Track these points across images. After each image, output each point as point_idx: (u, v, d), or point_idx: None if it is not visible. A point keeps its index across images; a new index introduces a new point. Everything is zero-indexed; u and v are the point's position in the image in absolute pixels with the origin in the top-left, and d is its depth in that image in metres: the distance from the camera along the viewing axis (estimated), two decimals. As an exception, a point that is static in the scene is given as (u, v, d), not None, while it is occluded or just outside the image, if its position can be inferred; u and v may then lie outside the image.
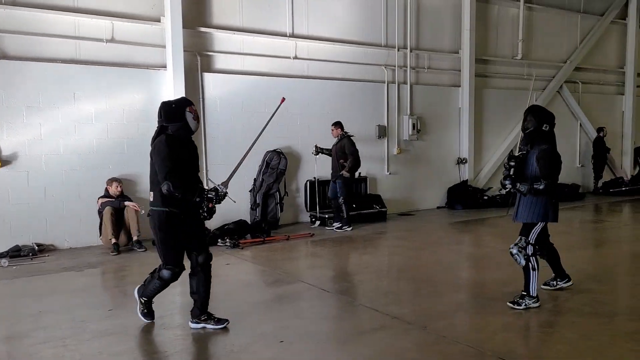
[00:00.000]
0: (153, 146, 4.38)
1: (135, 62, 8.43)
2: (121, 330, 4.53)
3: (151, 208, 4.40)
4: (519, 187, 4.98)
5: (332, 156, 9.28)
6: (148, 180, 8.15)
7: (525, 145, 5.14)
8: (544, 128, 4.96)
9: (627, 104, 14.93)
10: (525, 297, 5.00)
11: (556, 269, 5.51)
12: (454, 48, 11.80)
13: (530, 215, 5.05)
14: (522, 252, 5.04)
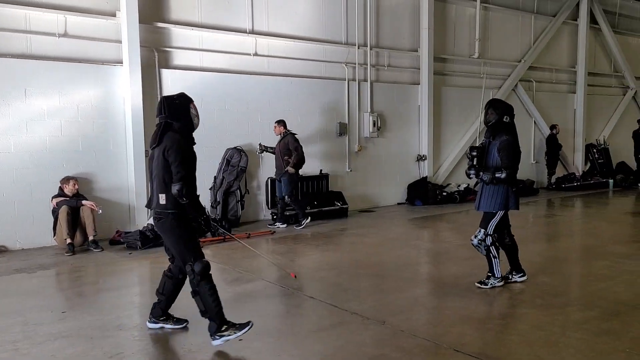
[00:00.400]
0: (168, 145, 4.04)
1: (89, 58, 8.22)
2: (75, 332, 4.42)
3: (161, 211, 4.11)
4: (482, 176, 5.28)
5: (276, 154, 9.24)
6: (102, 178, 7.94)
7: (487, 137, 5.43)
8: (504, 120, 5.28)
9: (579, 102, 15.45)
10: (490, 277, 5.47)
11: (513, 262, 5.70)
12: (413, 46, 11.96)
13: (491, 205, 5.34)
14: (482, 243, 5.39)
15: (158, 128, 4.17)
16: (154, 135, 4.19)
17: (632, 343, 4.02)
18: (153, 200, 4.20)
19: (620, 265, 6.41)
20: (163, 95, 4.27)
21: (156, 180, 4.15)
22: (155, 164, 4.15)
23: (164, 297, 4.42)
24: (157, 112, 4.22)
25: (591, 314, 4.69)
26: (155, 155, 4.15)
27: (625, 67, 16.48)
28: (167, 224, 4.12)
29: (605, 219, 10.10)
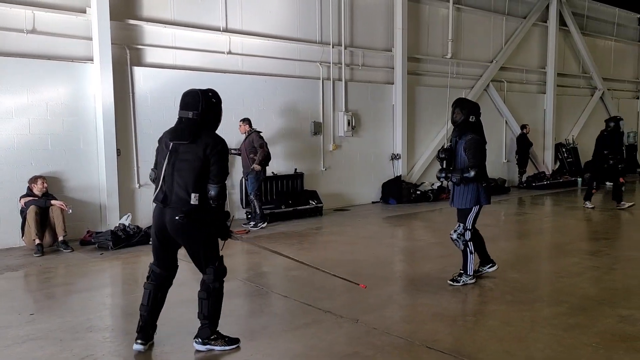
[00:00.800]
0: (212, 144, 3.81)
1: (59, 55, 8.06)
2: (44, 335, 4.34)
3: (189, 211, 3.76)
4: (452, 178, 5.38)
5: (242, 153, 9.16)
6: (72, 177, 7.81)
7: (455, 136, 5.53)
8: (470, 119, 5.36)
9: (548, 103, 15.77)
10: (462, 275, 5.57)
11: (482, 255, 5.82)
12: (387, 46, 12.04)
13: (464, 202, 5.47)
14: (461, 237, 5.50)
15: (192, 123, 3.83)
16: (185, 131, 3.84)
17: (598, 337, 4.13)
18: (171, 198, 3.80)
19: (587, 261, 6.57)
20: (199, 89, 3.93)
21: (188, 177, 3.78)
22: (188, 160, 3.80)
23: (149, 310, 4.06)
24: (186, 105, 3.86)
25: (559, 309, 4.80)
26: (190, 152, 3.81)
27: (593, 68, 16.87)
28: (196, 225, 3.82)
29: (573, 216, 10.33)
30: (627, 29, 18.40)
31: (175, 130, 3.93)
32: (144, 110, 8.81)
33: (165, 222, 3.83)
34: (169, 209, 3.81)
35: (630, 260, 6.74)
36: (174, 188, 3.81)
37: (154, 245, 4.03)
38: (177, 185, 3.80)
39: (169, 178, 3.84)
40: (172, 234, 3.86)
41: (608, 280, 5.81)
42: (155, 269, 4.02)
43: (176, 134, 3.90)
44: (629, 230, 9.14)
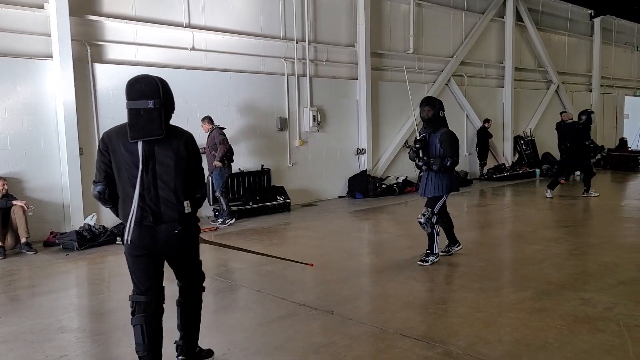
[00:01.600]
0: (189, 139, 3.36)
1: (16, 52, 7.82)
2: (13, 337, 4.25)
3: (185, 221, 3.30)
4: (432, 166, 5.81)
5: (206, 151, 8.97)
6: (33, 177, 7.62)
7: (428, 131, 5.97)
8: (440, 115, 5.88)
9: (507, 96, 16.19)
10: (429, 255, 6.07)
11: (450, 237, 6.35)
12: (351, 42, 12.14)
13: (438, 190, 5.93)
14: (429, 221, 5.91)
15: (156, 115, 3.18)
16: (153, 124, 3.17)
17: (562, 320, 4.31)
18: (162, 212, 3.21)
19: (549, 248, 6.82)
20: (150, 75, 3.31)
21: (174, 184, 3.23)
22: (169, 163, 3.22)
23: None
24: (142, 94, 3.20)
25: (524, 294, 4.98)
26: (168, 153, 3.23)
27: (548, 63, 17.40)
28: (193, 235, 3.44)
29: (534, 206, 10.66)
30: (579, 24, 19.05)
31: (136, 126, 3.18)
32: (107, 108, 8.63)
33: (158, 241, 3.25)
34: (163, 226, 3.23)
35: (589, 246, 7.03)
36: (161, 200, 3.22)
37: (140, 271, 3.32)
38: (164, 195, 3.22)
39: (150, 190, 3.20)
40: (167, 250, 3.33)
41: (569, 265, 6.05)
42: (140, 298, 3.34)
43: (141, 130, 3.17)
44: (587, 218, 9.51)
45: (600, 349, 3.77)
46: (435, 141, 5.87)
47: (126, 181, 3.19)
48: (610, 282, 5.30)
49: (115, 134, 3.26)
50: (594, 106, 19.77)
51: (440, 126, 5.91)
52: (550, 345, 3.83)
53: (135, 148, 3.17)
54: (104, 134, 3.34)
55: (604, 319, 4.32)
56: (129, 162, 3.18)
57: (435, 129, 5.90)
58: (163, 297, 3.46)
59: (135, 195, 3.15)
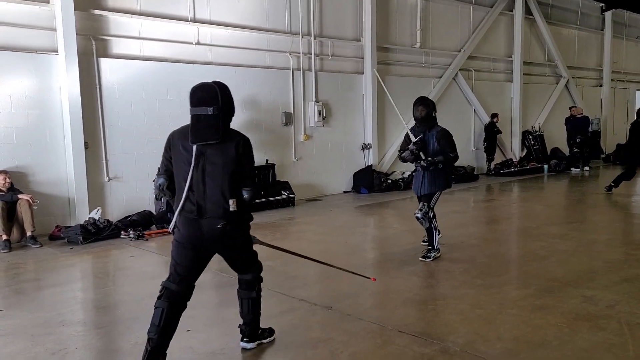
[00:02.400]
0: (242, 143, 3.49)
1: (22, 46, 7.86)
2: (15, 330, 4.29)
3: (230, 219, 3.45)
4: (437, 160, 5.88)
5: None
6: (39, 171, 7.67)
7: (422, 130, 6.02)
8: (433, 115, 6.00)
9: (515, 91, 16.06)
10: (431, 251, 6.10)
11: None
12: (357, 36, 12.08)
13: (436, 186, 6.04)
14: (426, 216, 5.96)
15: (214, 121, 3.39)
16: (210, 129, 3.39)
17: (563, 317, 4.28)
18: (206, 207, 3.42)
19: (554, 245, 6.77)
20: (212, 82, 3.52)
21: (223, 182, 3.42)
22: (220, 163, 3.41)
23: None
24: (202, 101, 3.42)
25: (526, 291, 4.95)
26: (220, 154, 3.42)
27: (557, 57, 17.23)
28: (240, 232, 3.61)
29: (540, 202, 10.59)
30: (590, 17, 18.84)
31: (196, 130, 3.42)
32: (112, 102, 8.67)
33: (203, 234, 3.45)
34: (205, 220, 3.43)
35: (594, 243, 6.96)
36: (208, 196, 3.42)
37: (181, 261, 3.53)
38: (211, 192, 3.42)
39: (199, 185, 3.42)
40: (211, 245, 3.52)
41: (574, 262, 6.00)
42: (171, 286, 3.52)
43: (199, 135, 3.41)
44: (594, 214, 9.43)
45: (600, 347, 3.74)
46: (432, 139, 5.97)
47: (180, 176, 3.47)
48: (614, 280, 5.25)
49: (178, 134, 3.54)
50: (605, 101, 19.60)
51: (434, 125, 6.04)
52: (549, 343, 3.80)
53: (191, 147, 3.43)
54: (170, 134, 3.62)
55: (606, 317, 4.28)
56: (184, 160, 3.45)
57: (431, 128, 6.00)
58: (191, 293, 3.62)
59: (185, 189, 3.41)
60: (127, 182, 8.86)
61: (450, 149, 5.91)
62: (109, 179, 8.66)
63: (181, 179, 3.47)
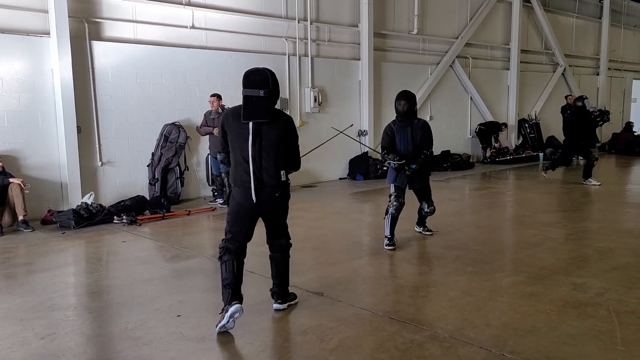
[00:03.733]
0: (289, 124, 4.03)
1: (13, 28, 7.77)
2: (4, 314, 4.28)
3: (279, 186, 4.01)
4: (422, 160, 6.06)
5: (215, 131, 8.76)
6: (30, 155, 7.68)
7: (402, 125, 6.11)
8: (415, 109, 6.13)
9: (512, 79, 16.01)
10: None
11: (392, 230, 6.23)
12: (354, 22, 11.99)
13: (426, 178, 6.27)
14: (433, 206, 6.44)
15: (265, 102, 3.87)
16: (261, 109, 3.87)
17: (552, 304, 4.29)
18: (264, 179, 3.94)
19: (546, 233, 6.78)
20: (264, 68, 3.99)
21: (274, 156, 3.93)
22: (273, 139, 3.92)
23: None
24: (255, 83, 3.87)
25: (517, 279, 4.96)
26: (272, 131, 3.91)
27: (555, 45, 17.16)
28: (285, 199, 4.14)
29: (534, 190, 10.59)
30: (588, 5, 18.74)
31: (248, 109, 3.89)
32: (105, 86, 8.60)
33: (261, 200, 3.97)
34: (264, 188, 3.96)
35: (586, 231, 6.98)
36: (264, 167, 3.93)
37: (238, 224, 4.08)
38: (267, 164, 3.93)
39: (256, 159, 3.92)
40: (268, 210, 4.08)
41: (564, 250, 6.02)
42: (230, 245, 4.07)
43: (252, 113, 3.88)
44: (587, 203, 9.43)
45: (588, 334, 3.75)
46: (419, 131, 6.05)
47: (237, 152, 3.97)
48: (604, 268, 5.27)
49: (231, 114, 4.03)
50: (601, 90, 19.57)
51: (415, 117, 6.14)
52: (537, 330, 3.81)
53: (246, 126, 3.91)
54: (223, 114, 4.23)
55: (595, 304, 4.29)
56: (240, 137, 3.94)
57: (412, 121, 6.07)
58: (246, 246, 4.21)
59: (250, 163, 3.90)
60: (120, 166, 8.82)
61: (429, 142, 6.11)
62: (102, 163, 8.62)
63: (237, 154, 3.97)
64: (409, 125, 6.06)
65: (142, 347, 3.66)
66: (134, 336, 3.85)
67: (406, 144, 6.06)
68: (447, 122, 14.29)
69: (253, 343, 3.74)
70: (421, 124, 6.10)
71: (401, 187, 6.19)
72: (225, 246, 4.09)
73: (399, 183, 6.17)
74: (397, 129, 6.11)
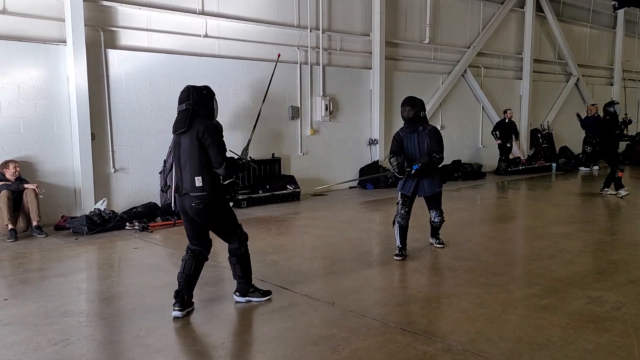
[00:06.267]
0: (201, 129, 4.19)
1: (31, 36, 7.87)
2: (18, 320, 4.30)
3: (199, 194, 4.20)
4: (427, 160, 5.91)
5: None
6: (45, 161, 7.75)
7: (408, 131, 6.07)
8: (421, 115, 6.01)
9: (524, 88, 15.93)
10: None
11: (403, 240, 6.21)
12: (365, 31, 12.01)
13: (435, 187, 6.11)
14: (441, 216, 6.35)
15: (185, 114, 4.24)
16: (181, 120, 4.24)
17: (567, 318, 4.24)
18: (183, 186, 4.25)
19: (560, 244, 6.71)
20: (190, 85, 4.39)
21: (189, 164, 4.20)
22: (187, 148, 4.21)
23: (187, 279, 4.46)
24: (180, 100, 4.32)
25: (531, 291, 4.91)
26: (187, 140, 4.21)
27: (568, 55, 17.07)
28: (208, 206, 4.25)
29: (548, 201, 10.52)
30: (602, 15, 18.64)
31: (175, 123, 4.32)
32: (119, 93, 8.67)
33: (186, 209, 4.27)
34: (185, 197, 4.23)
35: (601, 243, 6.90)
36: (183, 176, 4.24)
37: (185, 228, 4.47)
38: (185, 173, 4.22)
39: (177, 169, 4.28)
40: (198, 218, 4.29)
41: (579, 262, 5.95)
42: (190, 244, 4.46)
43: (175, 126, 4.31)
44: (601, 215, 9.35)
45: (605, 349, 3.70)
46: (425, 138, 5.98)
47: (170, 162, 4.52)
48: (619, 281, 5.20)
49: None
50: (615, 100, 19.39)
51: (423, 124, 6.04)
52: (553, 344, 3.77)
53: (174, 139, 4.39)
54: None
55: (611, 318, 4.23)
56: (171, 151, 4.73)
57: (418, 127, 5.99)
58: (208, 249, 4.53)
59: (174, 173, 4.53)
60: (133, 173, 8.87)
61: (438, 148, 5.93)
62: (115, 170, 8.68)
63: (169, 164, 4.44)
64: (415, 131, 6.02)
65: (154, 355, 3.67)
66: (145, 343, 3.86)
67: (413, 150, 6.04)
68: (458, 132, 14.24)
69: (265, 352, 3.72)
70: (428, 130, 6.01)
71: (407, 195, 6.14)
72: (188, 246, 4.49)
73: (405, 191, 6.14)
74: (404, 135, 6.10)
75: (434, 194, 6.17)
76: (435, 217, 6.32)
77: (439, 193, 6.20)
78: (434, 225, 6.52)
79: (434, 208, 6.29)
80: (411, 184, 6.10)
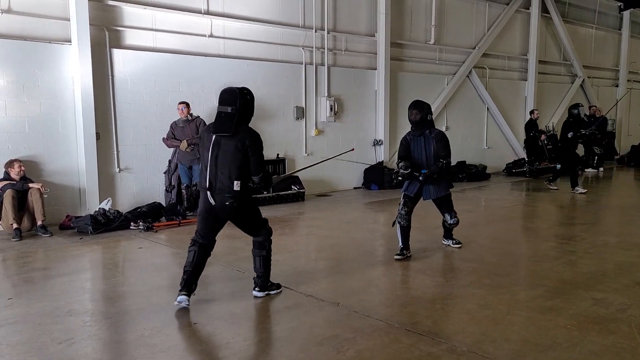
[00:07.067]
0: (249, 139, 4.36)
1: (36, 36, 7.90)
2: (22, 319, 4.31)
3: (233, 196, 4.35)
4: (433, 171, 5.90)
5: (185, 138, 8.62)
6: (50, 161, 7.76)
7: (415, 134, 6.10)
8: (428, 118, 6.01)
9: (529, 90, 15.88)
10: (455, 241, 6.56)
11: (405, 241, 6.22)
12: (370, 31, 12.00)
13: (442, 190, 6.09)
14: (456, 217, 6.30)
15: (231, 118, 4.35)
16: (227, 124, 4.35)
17: (572, 319, 4.22)
18: (217, 186, 4.37)
19: (564, 246, 6.69)
20: (237, 87, 4.52)
21: (229, 167, 4.34)
22: (230, 152, 4.34)
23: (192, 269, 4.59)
24: (225, 101, 4.41)
25: (536, 292, 4.89)
26: (231, 145, 4.35)
27: (574, 56, 17.02)
28: (240, 208, 4.44)
29: (551, 202, 10.48)
30: (608, 17, 18.57)
31: (217, 123, 4.43)
32: (124, 93, 8.69)
33: (214, 206, 4.39)
34: (218, 195, 4.36)
35: (605, 245, 6.86)
36: (218, 176, 4.35)
37: (200, 224, 4.58)
38: (221, 173, 4.34)
39: (212, 167, 4.37)
40: (225, 215, 4.48)
41: (584, 264, 5.92)
42: (198, 239, 4.57)
43: (219, 127, 4.40)
44: (606, 216, 9.31)
45: (610, 351, 3.68)
46: (431, 142, 5.99)
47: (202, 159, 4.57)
48: (625, 283, 5.18)
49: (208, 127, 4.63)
50: (620, 102, 19.32)
51: (430, 128, 6.04)
52: (558, 346, 3.75)
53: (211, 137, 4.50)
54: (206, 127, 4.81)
55: (616, 320, 4.21)
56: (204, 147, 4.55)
57: (425, 131, 6.00)
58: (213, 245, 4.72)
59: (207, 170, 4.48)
60: (138, 173, 8.89)
61: (444, 152, 5.94)
62: (120, 169, 8.69)
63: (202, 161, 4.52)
64: (422, 134, 6.03)
65: (158, 354, 3.67)
66: (150, 343, 3.86)
67: (420, 154, 6.06)
68: (463, 133, 14.21)
69: (269, 352, 3.72)
70: (434, 134, 6.02)
71: (409, 196, 6.16)
72: (194, 239, 4.60)
73: (408, 192, 6.16)
74: (411, 139, 6.13)
75: (443, 197, 6.16)
76: (450, 220, 6.29)
77: (447, 196, 6.18)
78: (449, 227, 6.49)
79: (447, 211, 6.28)
80: (415, 186, 6.12)
